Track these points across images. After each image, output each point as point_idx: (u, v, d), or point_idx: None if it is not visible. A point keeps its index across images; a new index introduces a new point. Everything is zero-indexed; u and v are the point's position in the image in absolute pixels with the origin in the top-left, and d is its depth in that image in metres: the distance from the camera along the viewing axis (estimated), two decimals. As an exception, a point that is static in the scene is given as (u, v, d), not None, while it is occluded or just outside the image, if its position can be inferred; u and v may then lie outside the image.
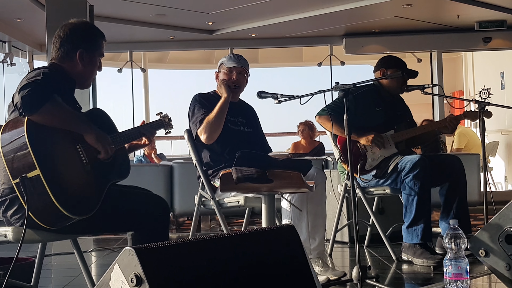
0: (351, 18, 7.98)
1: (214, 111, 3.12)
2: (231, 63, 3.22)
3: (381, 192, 3.56)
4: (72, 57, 2.33)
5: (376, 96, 3.63)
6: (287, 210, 3.02)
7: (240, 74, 3.22)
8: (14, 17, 7.28)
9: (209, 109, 3.15)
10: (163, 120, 2.60)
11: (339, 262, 3.73)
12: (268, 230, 1.71)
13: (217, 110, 3.11)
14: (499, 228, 2.35)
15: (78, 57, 2.33)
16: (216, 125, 3.09)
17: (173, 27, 8.24)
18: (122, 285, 1.34)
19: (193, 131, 3.17)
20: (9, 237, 2.14)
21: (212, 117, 3.10)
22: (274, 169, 2.65)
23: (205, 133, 3.10)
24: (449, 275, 2.42)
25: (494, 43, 8.68)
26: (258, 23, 8.14)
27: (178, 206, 5.84)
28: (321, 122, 3.56)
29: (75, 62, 2.33)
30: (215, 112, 3.11)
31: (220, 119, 3.11)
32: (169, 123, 2.61)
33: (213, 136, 3.10)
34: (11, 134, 2.08)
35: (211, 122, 3.10)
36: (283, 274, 1.58)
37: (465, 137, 8.34)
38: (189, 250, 1.43)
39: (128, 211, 2.24)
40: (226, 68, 3.22)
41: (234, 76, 3.21)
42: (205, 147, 3.18)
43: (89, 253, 4.19)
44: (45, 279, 3.25)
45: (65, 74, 2.32)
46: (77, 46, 2.33)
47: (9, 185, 2.08)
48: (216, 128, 3.10)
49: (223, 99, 3.15)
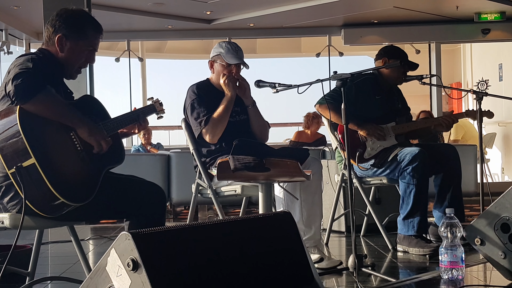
0: (350, 8, 7.96)
1: (219, 110, 3.04)
2: (231, 58, 3.11)
3: (378, 182, 3.57)
4: (54, 41, 2.29)
5: (375, 85, 3.63)
6: (279, 197, 3.02)
7: (239, 68, 3.18)
8: (11, 5, 7.25)
9: (208, 104, 3.09)
10: (155, 105, 2.58)
11: (336, 251, 3.74)
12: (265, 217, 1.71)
13: (223, 110, 3.04)
14: (495, 216, 2.36)
15: (57, 42, 2.28)
16: (221, 126, 3.04)
17: (171, 16, 8.21)
18: (118, 269, 1.35)
19: (196, 131, 3.10)
20: (6, 224, 2.14)
21: (217, 118, 3.03)
22: (271, 157, 2.65)
23: (211, 134, 3.04)
24: (444, 263, 2.44)
25: (493, 34, 8.67)
26: (257, 13, 8.11)
27: (175, 195, 5.85)
28: (321, 111, 3.56)
29: (56, 47, 2.29)
30: (221, 112, 3.04)
31: (226, 119, 3.05)
32: (161, 108, 2.59)
33: (218, 136, 3.06)
34: (3, 123, 2.07)
35: (216, 123, 3.03)
36: (279, 259, 1.58)
37: (462, 129, 8.36)
38: (185, 235, 1.44)
39: (125, 198, 2.24)
40: (225, 62, 3.12)
41: (235, 71, 3.12)
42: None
43: (86, 241, 4.20)
44: (42, 267, 3.26)
45: (53, 58, 2.29)
46: (57, 31, 2.29)
47: (4, 173, 2.07)
48: (222, 128, 3.05)
49: (229, 98, 3.07)
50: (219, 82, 3.13)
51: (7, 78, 2.10)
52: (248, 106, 3.19)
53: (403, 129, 3.59)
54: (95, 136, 2.16)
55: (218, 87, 3.18)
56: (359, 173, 3.61)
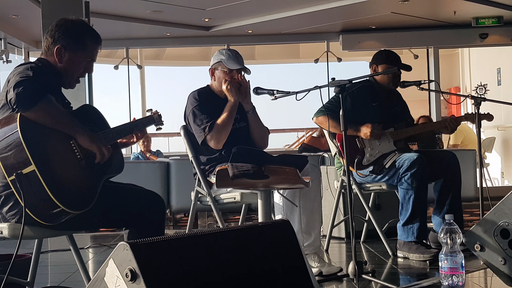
0: (348, 14, 7.98)
1: (223, 116, 3.03)
2: (233, 64, 3.11)
3: (377, 188, 3.57)
4: (53, 52, 2.31)
5: (371, 92, 3.64)
6: (279, 204, 3.01)
7: (240, 74, 3.17)
8: (10, 14, 7.26)
9: (210, 111, 3.08)
10: (154, 117, 2.59)
11: (336, 257, 3.73)
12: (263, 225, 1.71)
13: (226, 115, 3.03)
14: (494, 222, 2.35)
15: (56, 52, 2.29)
16: (226, 132, 3.03)
17: (169, 24, 8.23)
18: (117, 280, 1.34)
19: (199, 137, 3.07)
20: (5, 234, 2.14)
21: (222, 124, 3.02)
22: (270, 164, 2.65)
23: (216, 140, 3.02)
24: (444, 270, 2.43)
25: (491, 39, 8.70)
26: (255, 19, 8.13)
27: (175, 202, 5.84)
28: (318, 123, 3.56)
29: (54, 57, 2.30)
30: (225, 118, 3.03)
31: (230, 124, 3.04)
32: (160, 119, 2.60)
33: (223, 142, 3.05)
34: (4, 130, 2.08)
35: (221, 129, 3.02)
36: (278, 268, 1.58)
37: (462, 133, 8.37)
38: (184, 245, 1.44)
39: (124, 207, 2.24)
40: (226, 68, 3.11)
41: (237, 77, 3.12)
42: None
43: (85, 250, 4.18)
44: (41, 276, 3.25)
45: (52, 68, 2.30)
46: (56, 41, 2.30)
47: (4, 182, 2.07)
48: (226, 134, 3.04)
49: (232, 104, 3.06)
50: (221, 88, 3.13)
51: (7, 86, 2.11)
52: (248, 111, 3.19)
53: (401, 135, 3.59)
54: (97, 143, 2.17)
55: (219, 94, 3.18)
56: (358, 179, 3.61)
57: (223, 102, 3.12)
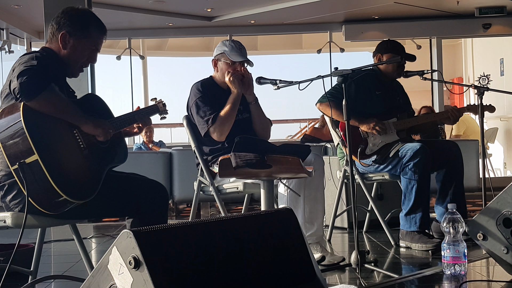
0: (351, 4, 7.94)
1: (227, 108, 3.04)
2: (236, 56, 3.10)
3: (380, 177, 3.57)
4: (57, 38, 2.31)
5: (375, 81, 3.64)
6: (283, 195, 3.02)
7: (243, 65, 3.17)
8: (12, 4, 7.24)
9: (213, 102, 3.09)
10: (158, 106, 2.59)
11: (338, 247, 3.74)
12: (267, 214, 1.71)
13: (230, 107, 3.04)
14: (497, 211, 2.36)
15: (60, 38, 2.29)
16: (229, 124, 3.04)
17: (172, 14, 8.19)
18: (120, 267, 1.35)
19: (202, 129, 3.09)
20: (8, 223, 2.15)
21: (225, 116, 3.03)
22: (272, 154, 2.65)
23: (219, 132, 3.04)
24: (447, 259, 2.44)
25: (494, 29, 8.64)
26: (258, 9, 8.09)
27: (177, 193, 5.85)
28: (322, 109, 3.56)
29: (59, 44, 2.31)
30: (228, 110, 3.04)
31: (233, 116, 3.05)
32: (164, 108, 2.59)
33: (226, 134, 3.06)
34: (7, 120, 2.08)
35: (224, 121, 3.03)
36: (281, 256, 1.58)
37: (464, 124, 8.35)
38: (187, 232, 1.44)
39: (127, 196, 2.24)
40: (229, 60, 3.11)
41: (240, 69, 3.12)
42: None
43: (89, 240, 4.20)
44: (45, 265, 3.26)
45: (55, 56, 2.30)
46: (61, 28, 2.30)
47: (7, 171, 2.08)
48: (229, 126, 3.05)
49: (235, 95, 3.07)
50: (224, 80, 3.13)
51: (11, 75, 2.11)
52: (251, 102, 3.19)
53: (404, 125, 3.59)
54: (101, 126, 2.19)
55: (221, 85, 3.18)
56: (361, 169, 3.61)
57: (226, 93, 3.12)
